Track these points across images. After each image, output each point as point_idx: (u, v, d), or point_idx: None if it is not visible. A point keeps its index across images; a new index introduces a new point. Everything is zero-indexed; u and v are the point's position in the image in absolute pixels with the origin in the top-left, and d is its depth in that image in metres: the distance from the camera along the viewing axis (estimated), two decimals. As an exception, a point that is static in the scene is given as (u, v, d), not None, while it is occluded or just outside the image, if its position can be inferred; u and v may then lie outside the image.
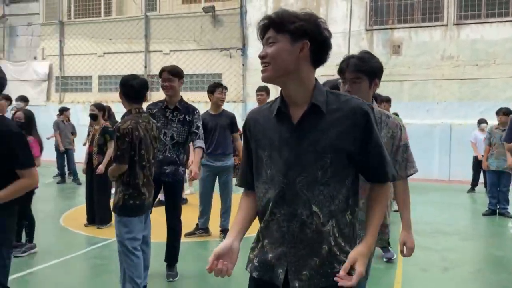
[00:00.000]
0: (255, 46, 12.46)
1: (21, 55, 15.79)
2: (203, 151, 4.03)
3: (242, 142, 1.74)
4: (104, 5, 14.74)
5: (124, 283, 3.09)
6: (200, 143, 3.99)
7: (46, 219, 6.17)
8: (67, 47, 15.01)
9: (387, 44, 11.74)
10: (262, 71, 1.48)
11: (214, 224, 5.43)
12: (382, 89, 3.35)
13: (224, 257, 1.49)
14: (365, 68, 2.12)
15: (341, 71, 2.18)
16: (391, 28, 11.73)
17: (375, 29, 11.87)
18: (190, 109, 4.04)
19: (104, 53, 14.58)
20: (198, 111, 4.13)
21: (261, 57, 1.47)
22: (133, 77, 3.22)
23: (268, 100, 4.68)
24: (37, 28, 15.62)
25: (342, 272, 1.39)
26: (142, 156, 3.11)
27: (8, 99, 6.13)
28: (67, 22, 15.08)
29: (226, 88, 5.32)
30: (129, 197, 3.06)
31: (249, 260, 1.62)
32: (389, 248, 4.50)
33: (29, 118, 4.55)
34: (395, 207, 6.42)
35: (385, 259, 4.51)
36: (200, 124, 4.07)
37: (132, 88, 3.13)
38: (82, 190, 8.85)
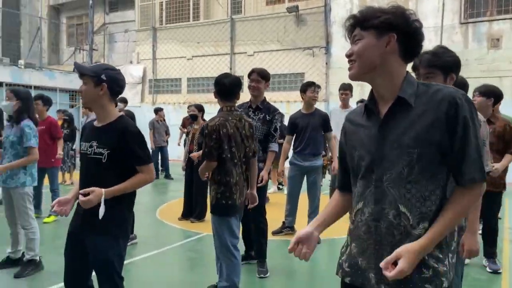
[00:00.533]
0: (339, 44, 12.26)
1: (118, 59, 17.13)
2: (275, 154, 4.18)
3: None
4: (192, 10, 15.47)
5: (221, 279, 3.13)
6: (274, 146, 4.15)
7: (144, 212, 6.61)
8: (159, 51, 15.99)
9: (484, 37, 10.88)
10: (349, 69, 1.48)
11: (301, 224, 5.43)
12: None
13: (304, 242, 1.57)
14: (438, 63, 2.11)
15: (414, 67, 2.18)
16: (489, 20, 10.86)
17: (470, 22, 11.07)
18: (270, 109, 4.21)
19: (193, 56, 15.30)
20: (279, 112, 4.25)
21: (348, 56, 1.47)
22: (226, 75, 3.25)
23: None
24: (132, 34, 16.86)
25: (382, 264, 1.35)
26: (233, 153, 3.06)
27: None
28: (159, 27, 16.06)
29: (319, 86, 5.26)
30: (221, 196, 3.05)
31: (339, 265, 1.60)
32: (496, 259, 4.18)
33: (130, 118, 4.92)
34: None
35: (489, 270, 4.18)
36: (278, 126, 4.19)
37: (224, 86, 3.16)
38: (174, 186, 9.40)
